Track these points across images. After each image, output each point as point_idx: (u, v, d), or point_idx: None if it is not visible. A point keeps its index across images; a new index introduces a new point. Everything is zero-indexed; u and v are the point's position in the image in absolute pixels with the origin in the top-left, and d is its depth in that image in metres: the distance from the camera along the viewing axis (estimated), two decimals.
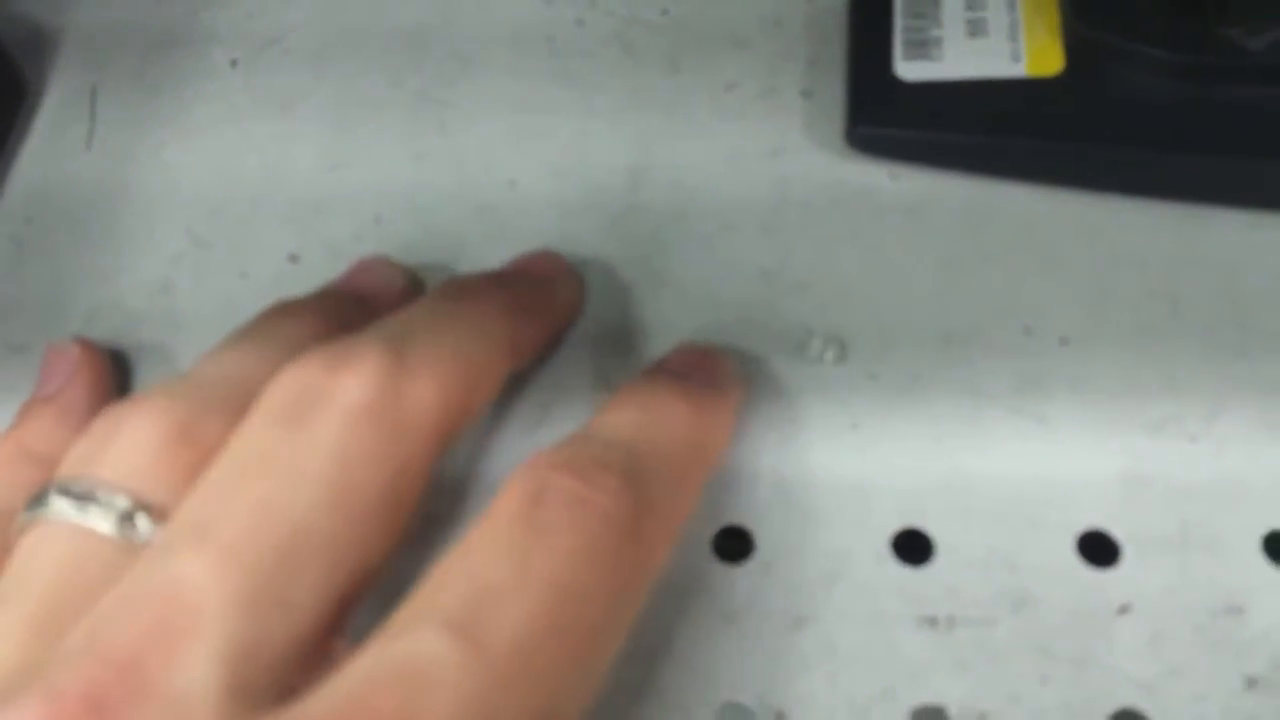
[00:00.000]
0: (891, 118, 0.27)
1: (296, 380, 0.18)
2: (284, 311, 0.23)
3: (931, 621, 0.22)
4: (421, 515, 0.20)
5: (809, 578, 0.22)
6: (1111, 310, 0.25)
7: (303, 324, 0.22)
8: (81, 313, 0.27)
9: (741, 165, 0.28)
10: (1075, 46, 0.26)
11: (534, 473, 0.17)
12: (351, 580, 0.17)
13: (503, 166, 0.28)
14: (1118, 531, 0.22)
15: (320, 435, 0.17)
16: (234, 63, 0.31)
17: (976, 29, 0.27)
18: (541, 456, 0.18)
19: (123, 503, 0.18)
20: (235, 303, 0.27)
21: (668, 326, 0.26)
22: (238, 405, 0.19)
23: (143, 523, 0.18)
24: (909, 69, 0.27)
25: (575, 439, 0.19)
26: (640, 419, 0.20)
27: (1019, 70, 0.27)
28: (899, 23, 0.28)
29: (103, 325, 0.26)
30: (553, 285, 0.25)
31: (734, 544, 0.23)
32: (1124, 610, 0.21)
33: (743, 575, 0.22)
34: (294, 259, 0.27)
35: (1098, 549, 0.22)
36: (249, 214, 0.28)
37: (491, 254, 0.27)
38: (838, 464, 0.23)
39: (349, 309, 0.24)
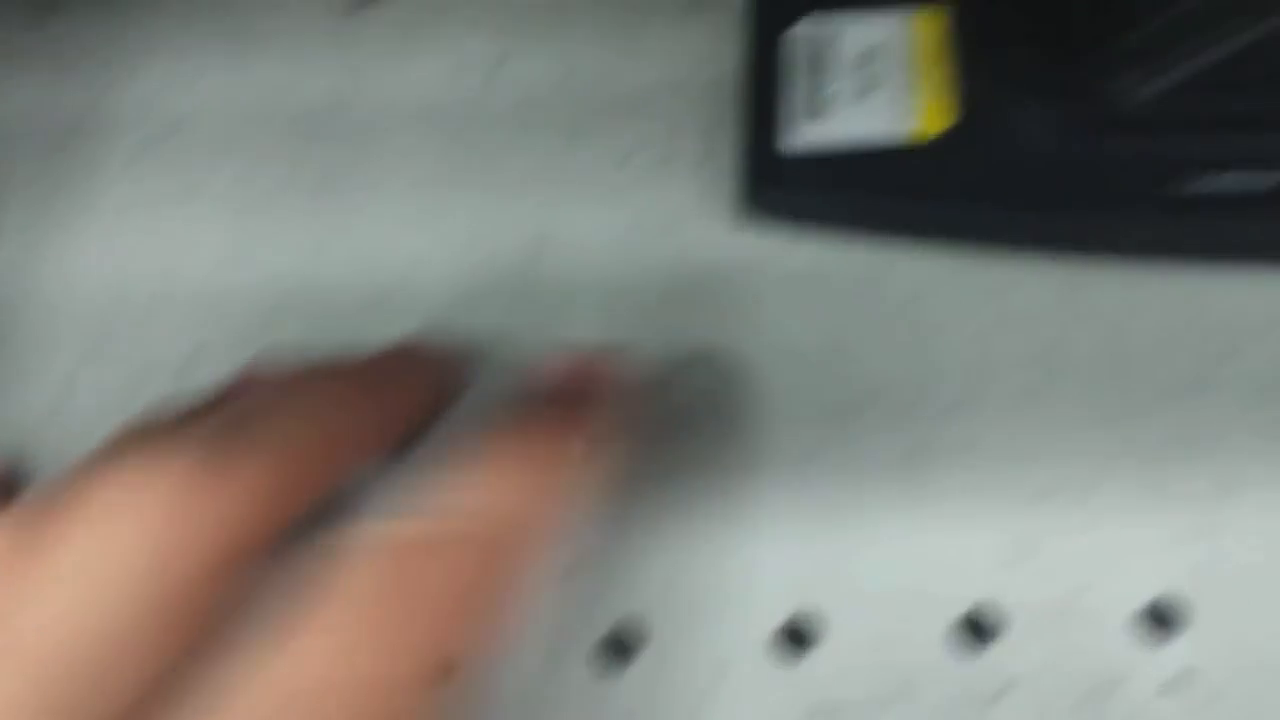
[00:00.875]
0: (784, 184, 0.27)
1: (94, 486, 0.18)
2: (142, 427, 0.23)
3: (818, 712, 0.22)
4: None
5: (696, 678, 0.23)
6: (998, 374, 0.25)
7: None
8: None
9: (640, 236, 0.28)
10: (966, 103, 0.26)
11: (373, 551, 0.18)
12: (126, 693, 0.17)
13: (405, 248, 0.29)
14: (1002, 605, 0.22)
15: (103, 543, 0.17)
16: (136, 151, 0.31)
17: (868, 89, 0.27)
18: (379, 532, 0.18)
19: None
20: (139, 401, 0.27)
21: None
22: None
23: None
24: (801, 133, 0.27)
25: (406, 514, 0.19)
26: (480, 489, 0.19)
27: (908, 130, 0.26)
28: (792, 85, 0.28)
29: (7, 433, 0.27)
30: (419, 365, 0.25)
31: (620, 647, 0.23)
32: (1007, 689, 0.22)
33: (629, 680, 0.23)
34: (197, 353, 0.28)
35: (982, 624, 0.22)
36: (152, 309, 0.28)
37: (391, 334, 0.27)
38: (731, 556, 0.24)
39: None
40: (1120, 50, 0.24)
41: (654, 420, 0.25)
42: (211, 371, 0.27)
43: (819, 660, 0.22)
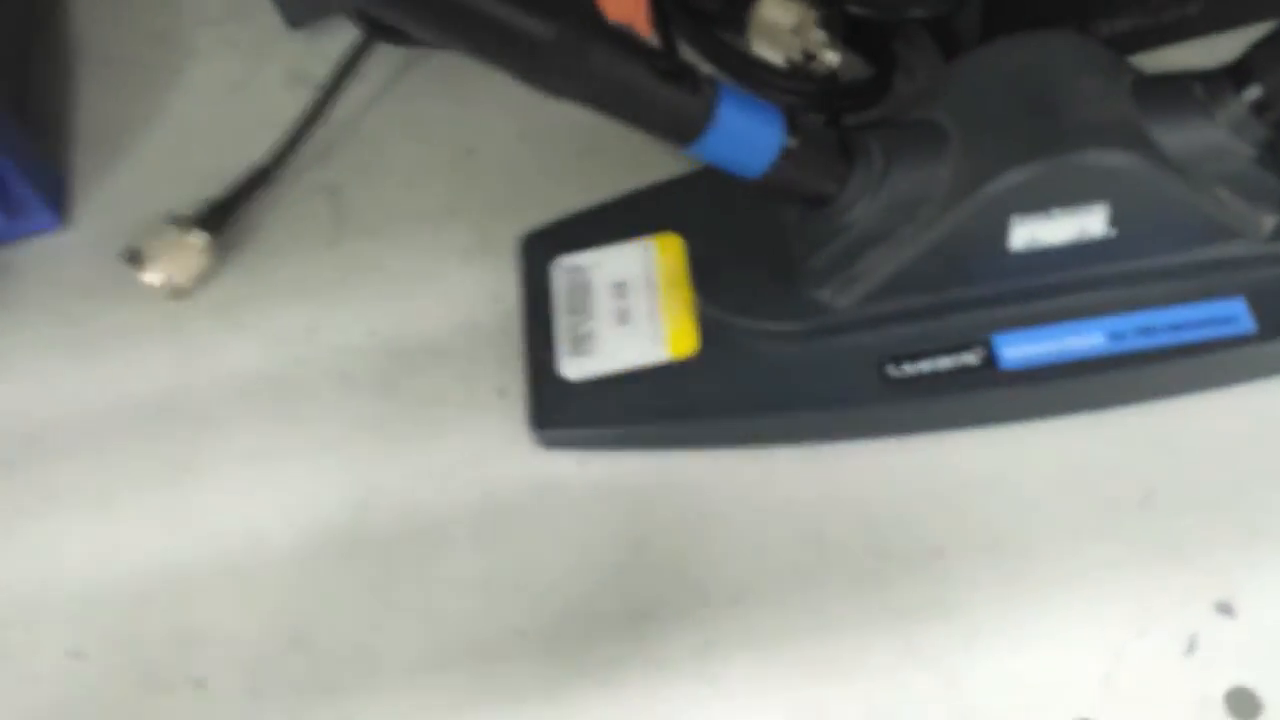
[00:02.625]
0: (564, 417, 0.30)
1: None
2: None
3: None
4: None
5: None
6: (770, 560, 0.28)
7: None
8: None
9: (452, 477, 0.31)
10: (705, 324, 0.30)
11: None
12: None
13: (244, 524, 0.32)
14: None
15: None
16: (3, 464, 0.34)
17: (624, 318, 0.31)
18: None
19: None
20: (30, 708, 0.29)
21: (395, 660, 0.29)
22: None
23: None
24: (571, 366, 0.31)
25: None
26: None
27: (662, 354, 0.30)
28: (560, 321, 0.31)
29: None
30: None
31: None
32: None
33: None
34: (76, 654, 0.30)
35: None
36: (31, 616, 0.31)
37: (242, 615, 0.30)
38: None
39: None
40: (814, 269, 0.28)
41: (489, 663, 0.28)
42: (96, 670, 0.30)
43: None
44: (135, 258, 0.35)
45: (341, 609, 0.30)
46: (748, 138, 0.26)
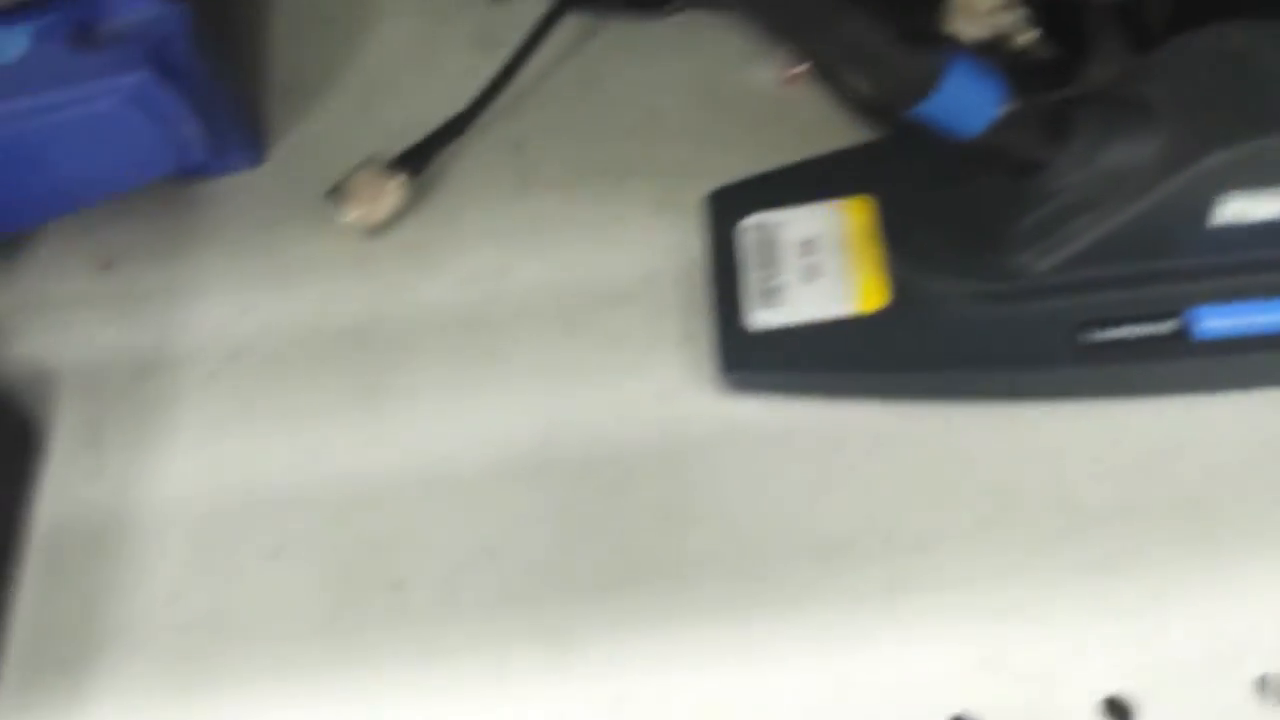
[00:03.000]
0: (751, 363, 0.32)
1: None
2: None
3: None
4: None
5: None
6: (956, 509, 0.30)
7: None
8: (112, 628, 0.32)
9: (636, 413, 0.33)
10: (896, 282, 0.31)
11: None
12: None
13: (441, 444, 0.33)
14: (978, 712, 0.27)
15: None
16: (207, 379, 0.36)
17: (812, 274, 0.32)
18: None
19: None
20: (234, 604, 0.31)
21: (585, 576, 0.30)
22: None
23: None
24: (761, 317, 0.32)
25: None
26: None
27: (850, 309, 0.31)
28: (748, 275, 0.33)
29: (131, 637, 0.31)
30: None
31: None
32: None
33: None
34: (276, 554, 0.32)
35: None
36: (236, 516, 0.33)
37: (438, 526, 0.32)
38: (744, 684, 0.28)
39: None
40: (1017, 234, 0.29)
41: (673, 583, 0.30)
42: (293, 570, 0.32)
43: None
44: (339, 193, 0.37)
45: (530, 526, 0.31)
46: (969, 100, 0.27)
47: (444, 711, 0.29)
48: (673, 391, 0.33)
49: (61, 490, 0.35)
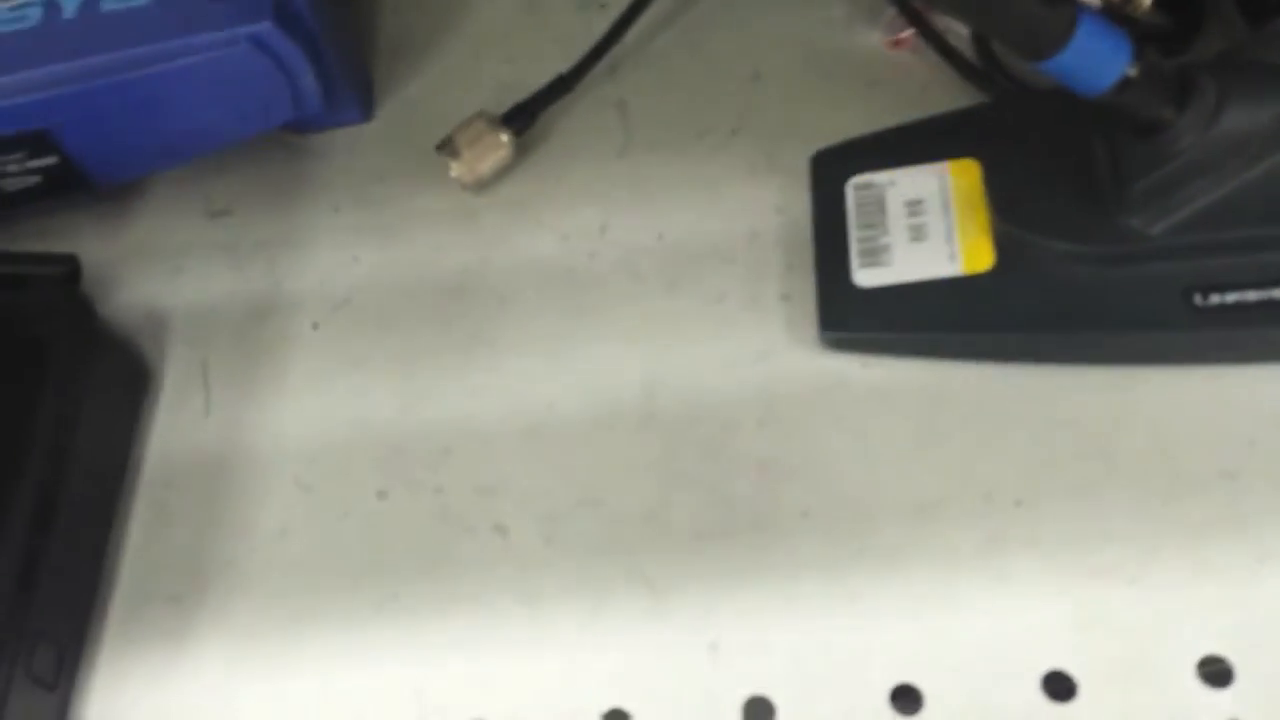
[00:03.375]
0: (854, 321, 0.32)
1: None
2: None
3: None
4: None
5: None
6: (1056, 470, 0.29)
7: None
8: (218, 564, 0.33)
9: (736, 369, 0.33)
10: (1003, 243, 0.31)
11: None
12: None
13: (541, 393, 0.34)
14: (1074, 670, 0.27)
15: None
16: (315, 325, 0.37)
17: (918, 234, 0.32)
18: None
19: None
20: (340, 543, 0.33)
21: (683, 526, 0.31)
22: None
23: None
24: (865, 275, 0.32)
25: None
26: None
27: (956, 269, 0.32)
28: (853, 234, 0.33)
29: (237, 574, 0.33)
30: None
31: (760, 709, 0.28)
32: None
33: None
34: (382, 495, 0.33)
35: (1058, 687, 0.27)
36: (341, 459, 0.34)
37: (538, 472, 0.33)
38: (842, 634, 0.28)
39: None
40: (1132, 196, 0.29)
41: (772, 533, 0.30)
42: (397, 510, 0.33)
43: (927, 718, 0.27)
44: (448, 147, 0.38)
45: (630, 477, 0.32)
46: (1097, 57, 0.27)
47: (541, 653, 0.30)
48: (774, 349, 0.33)
49: (172, 429, 0.36)
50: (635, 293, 0.36)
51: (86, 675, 0.31)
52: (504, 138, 0.38)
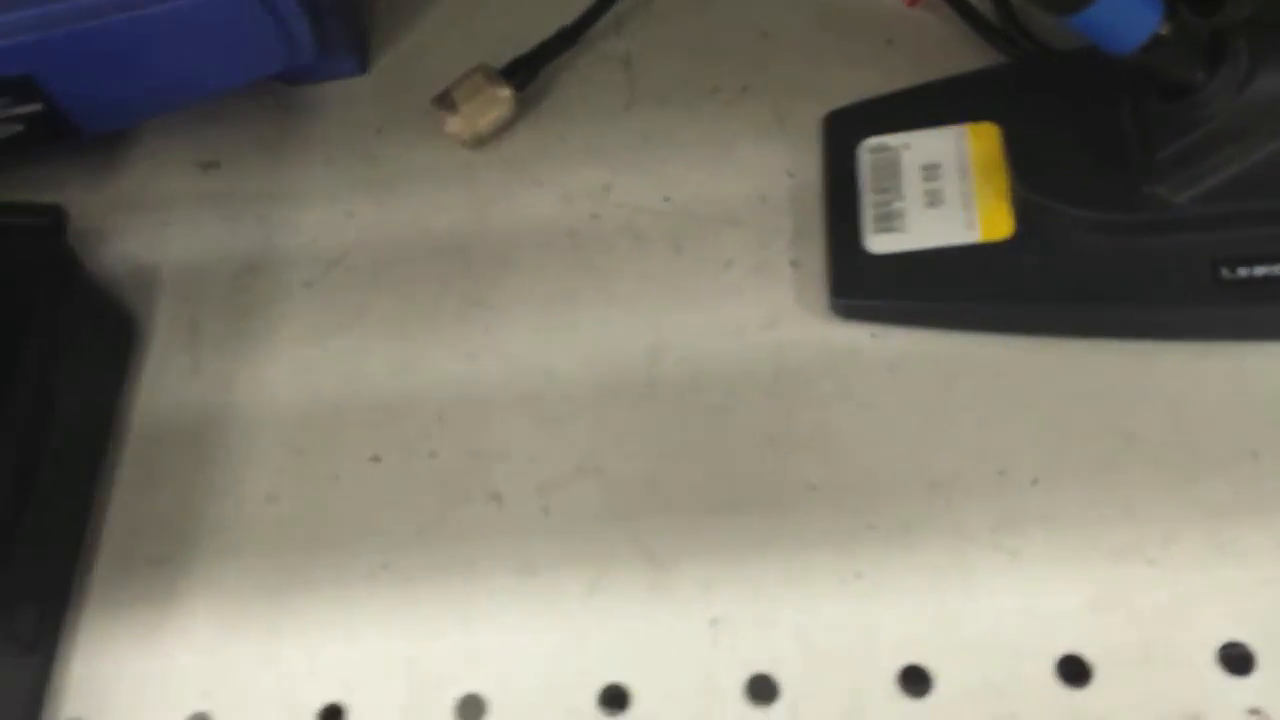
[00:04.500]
0: (865, 289, 0.31)
1: None
2: None
3: None
4: None
5: (833, 714, 0.26)
6: (1073, 447, 0.29)
7: None
8: (206, 526, 0.32)
9: (743, 336, 0.32)
10: (1022, 210, 0.30)
11: None
12: None
13: (541, 358, 0.33)
14: (1089, 653, 0.26)
15: None
16: (307, 284, 0.36)
17: (934, 200, 0.31)
18: None
19: None
20: (331, 507, 0.32)
21: (686, 498, 0.30)
22: None
23: None
24: (878, 242, 0.31)
25: None
26: None
27: (974, 236, 0.30)
28: (866, 198, 0.32)
29: (224, 537, 0.32)
30: None
31: (763, 688, 0.27)
32: None
33: (777, 715, 0.27)
34: (376, 459, 0.32)
35: (1073, 671, 0.26)
36: (333, 421, 0.33)
37: (536, 439, 0.32)
38: (849, 613, 0.27)
39: None
40: (1158, 163, 0.28)
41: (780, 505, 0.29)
42: (390, 474, 0.32)
43: (933, 705, 0.26)
44: (445, 101, 0.37)
45: (632, 445, 0.31)
46: (1129, 14, 0.26)
47: (537, 626, 0.29)
48: (783, 316, 0.32)
49: (159, 387, 0.35)
50: (639, 256, 0.34)
51: (68, 637, 0.30)
52: (504, 92, 0.37)
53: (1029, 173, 0.30)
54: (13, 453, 0.30)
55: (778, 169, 0.35)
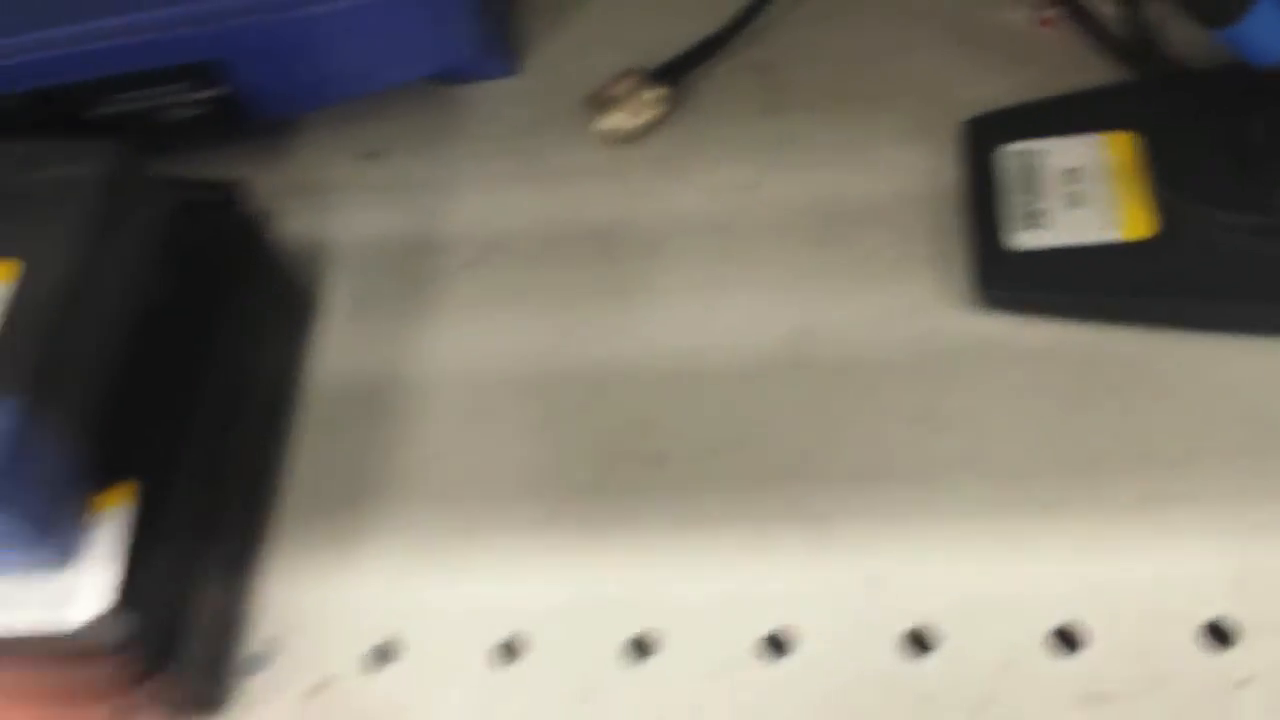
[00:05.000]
0: (1010, 281, 0.33)
1: None
2: None
3: (1087, 699, 0.27)
4: None
5: (988, 667, 0.28)
6: (1214, 433, 0.30)
7: None
8: (384, 477, 0.34)
9: (888, 323, 0.34)
10: (1164, 212, 0.32)
11: None
12: None
13: (693, 339, 0.35)
14: (1234, 618, 0.28)
15: None
16: (468, 264, 0.38)
17: (1075, 201, 0.33)
18: None
19: None
20: (500, 466, 0.34)
21: (840, 466, 0.32)
22: None
23: None
24: (1022, 238, 0.33)
25: None
26: None
27: (1116, 235, 0.32)
28: (1009, 198, 0.34)
29: (400, 487, 0.34)
30: None
31: (919, 640, 0.29)
32: (1243, 684, 0.27)
33: (932, 665, 0.28)
34: (539, 422, 0.35)
35: (1217, 634, 0.27)
36: (498, 388, 0.36)
37: (693, 410, 0.34)
38: (1001, 574, 0.29)
39: None
40: None
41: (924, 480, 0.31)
42: (554, 441, 0.34)
43: (1084, 660, 0.28)
44: (598, 100, 0.39)
45: (785, 419, 0.33)
46: (1275, 27, 0.28)
47: (700, 575, 0.31)
48: (925, 306, 0.34)
49: (335, 354, 0.37)
50: (784, 246, 0.37)
51: (265, 568, 0.33)
52: (654, 94, 0.39)
53: (1172, 176, 0.32)
54: (214, 408, 0.32)
55: (917, 171, 0.37)
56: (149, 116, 0.39)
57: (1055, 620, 0.28)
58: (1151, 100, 0.35)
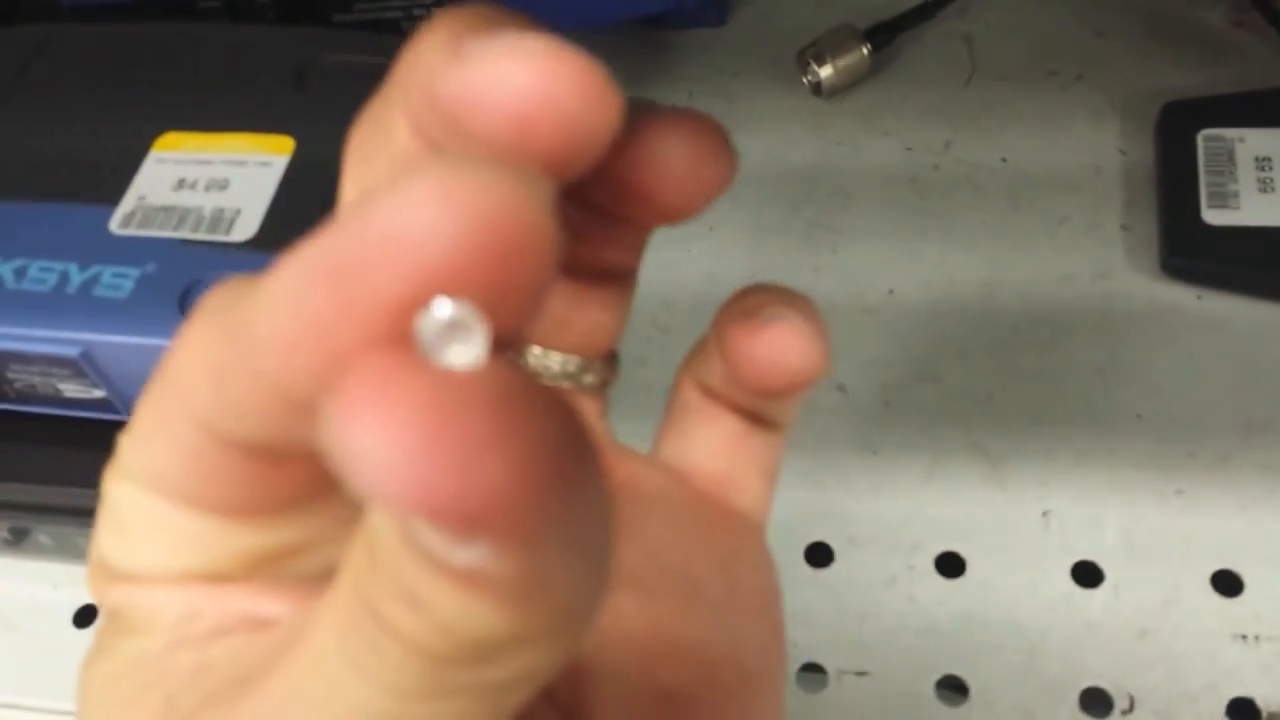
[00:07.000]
0: (1199, 253, 0.35)
1: None
2: None
3: (1243, 638, 0.29)
4: None
5: (1151, 601, 0.30)
6: None
7: None
8: None
9: (1075, 284, 0.37)
10: None
11: None
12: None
13: (882, 279, 0.38)
14: None
15: None
16: None
17: (1267, 186, 0.35)
18: None
19: None
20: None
21: (1018, 408, 0.34)
22: None
23: None
24: (1213, 215, 0.35)
25: None
26: None
27: None
28: (1203, 178, 0.36)
29: None
30: None
31: (1087, 573, 0.31)
32: None
33: (1100, 595, 0.31)
34: None
35: None
36: (693, 308, 0.38)
37: (877, 345, 0.36)
38: (1169, 521, 0.31)
39: None
40: None
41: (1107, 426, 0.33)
42: None
43: (1241, 603, 0.30)
44: (811, 52, 0.42)
45: (968, 361, 0.36)
46: None
47: (878, 498, 0.33)
48: (1113, 270, 0.36)
49: None
50: (977, 205, 0.39)
51: None
52: (864, 51, 0.42)
53: None
54: None
55: (1110, 147, 0.39)
56: (397, 26, 0.43)
57: (1218, 564, 0.31)
58: None
